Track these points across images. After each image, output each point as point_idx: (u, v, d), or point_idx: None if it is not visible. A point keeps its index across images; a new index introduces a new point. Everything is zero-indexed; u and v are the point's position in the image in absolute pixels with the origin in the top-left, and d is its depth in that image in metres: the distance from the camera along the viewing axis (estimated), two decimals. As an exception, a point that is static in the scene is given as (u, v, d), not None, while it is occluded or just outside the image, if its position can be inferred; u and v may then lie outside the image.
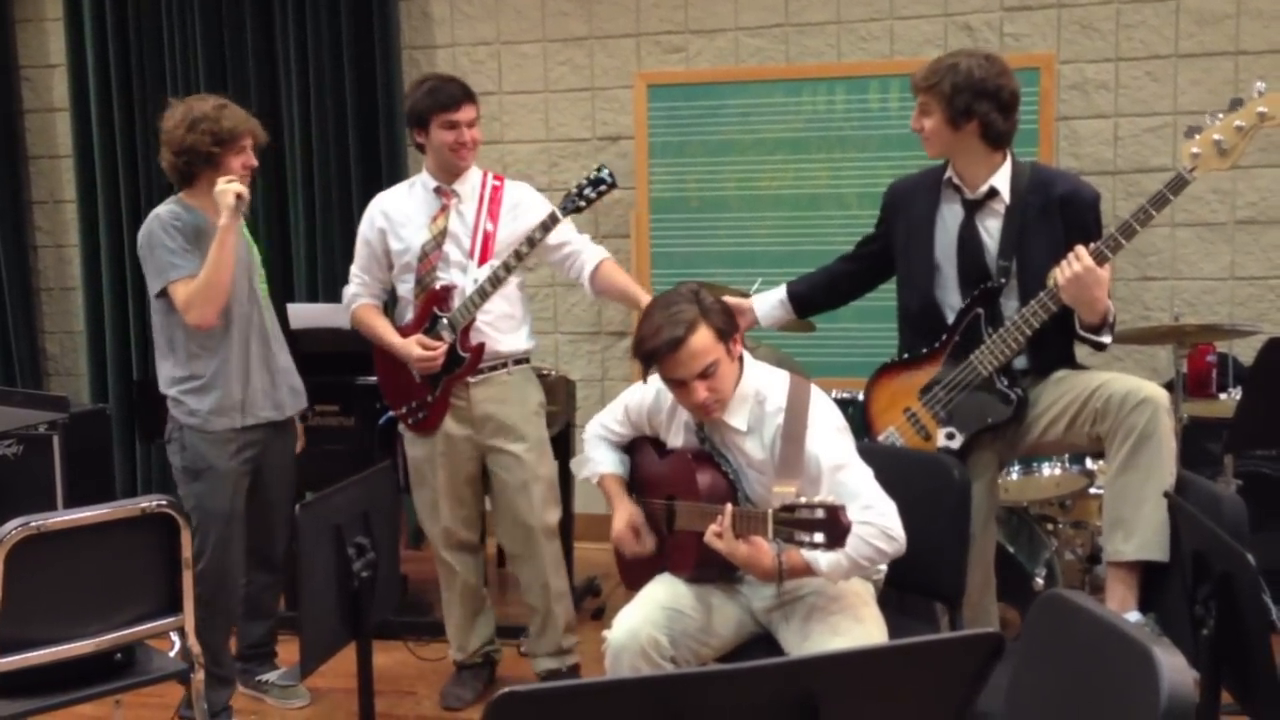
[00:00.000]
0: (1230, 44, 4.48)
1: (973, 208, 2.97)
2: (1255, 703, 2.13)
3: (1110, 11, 4.57)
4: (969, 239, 2.96)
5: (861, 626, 2.51)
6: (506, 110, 5.14)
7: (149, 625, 2.74)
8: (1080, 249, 2.75)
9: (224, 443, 3.34)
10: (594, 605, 4.37)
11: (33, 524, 2.49)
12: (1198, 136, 2.82)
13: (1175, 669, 1.41)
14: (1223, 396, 4.02)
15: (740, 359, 2.63)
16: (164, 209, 3.34)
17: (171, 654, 3.03)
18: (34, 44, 5.66)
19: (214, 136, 3.28)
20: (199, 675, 2.83)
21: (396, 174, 4.91)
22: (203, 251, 3.23)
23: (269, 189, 5.21)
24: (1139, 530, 2.72)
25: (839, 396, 3.92)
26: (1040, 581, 3.63)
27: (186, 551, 2.74)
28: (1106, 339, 2.88)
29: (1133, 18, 4.56)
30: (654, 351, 2.51)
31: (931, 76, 2.91)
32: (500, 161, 5.07)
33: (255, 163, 3.38)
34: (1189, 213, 4.55)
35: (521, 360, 3.55)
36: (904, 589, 2.80)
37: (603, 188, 3.39)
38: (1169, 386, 3.38)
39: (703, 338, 2.50)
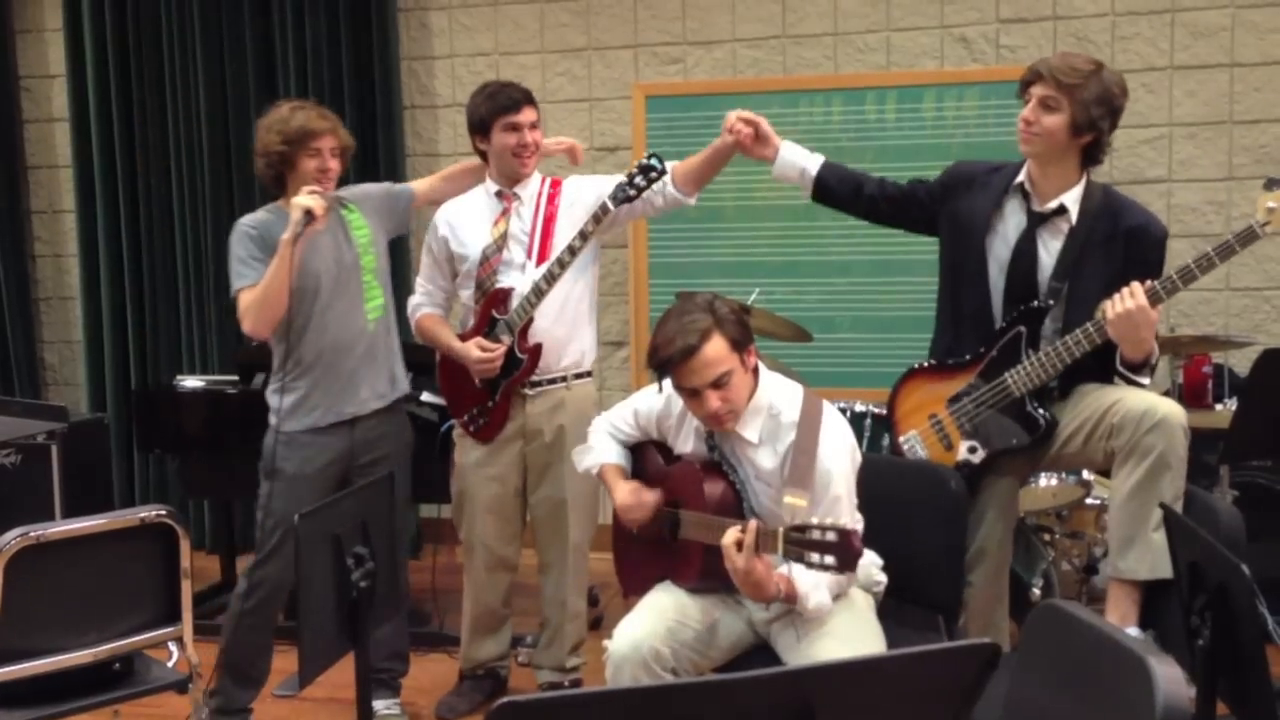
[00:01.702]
0: (1225, 56, 4.50)
1: (1037, 220, 2.89)
2: (1250, 713, 2.13)
3: (1105, 24, 4.59)
4: (1026, 251, 2.88)
5: (860, 637, 2.52)
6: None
7: (147, 635, 2.75)
8: (1136, 286, 2.68)
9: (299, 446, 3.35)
10: (592, 615, 4.36)
11: (31, 534, 2.49)
12: (1276, 190, 2.73)
13: (1171, 680, 1.42)
14: (1219, 407, 4.04)
15: (755, 370, 2.63)
16: (249, 216, 3.35)
17: (170, 664, 3.03)
18: (34, 54, 5.67)
19: (283, 136, 3.24)
20: (197, 685, 2.83)
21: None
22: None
23: (268, 197, 5.16)
24: (1152, 550, 2.68)
25: (837, 407, 3.92)
26: (1037, 592, 3.63)
27: (185, 561, 2.74)
28: (1145, 380, 2.81)
29: (1128, 30, 4.58)
30: (668, 360, 2.51)
31: (1075, 76, 2.76)
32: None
33: (331, 166, 3.29)
34: (1184, 224, 4.57)
35: (581, 375, 3.52)
36: (902, 599, 2.81)
37: (653, 174, 3.28)
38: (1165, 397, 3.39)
39: (716, 347, 2.49)
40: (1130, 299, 2.67)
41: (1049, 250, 2.88)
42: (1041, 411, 2.86)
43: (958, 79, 4.59)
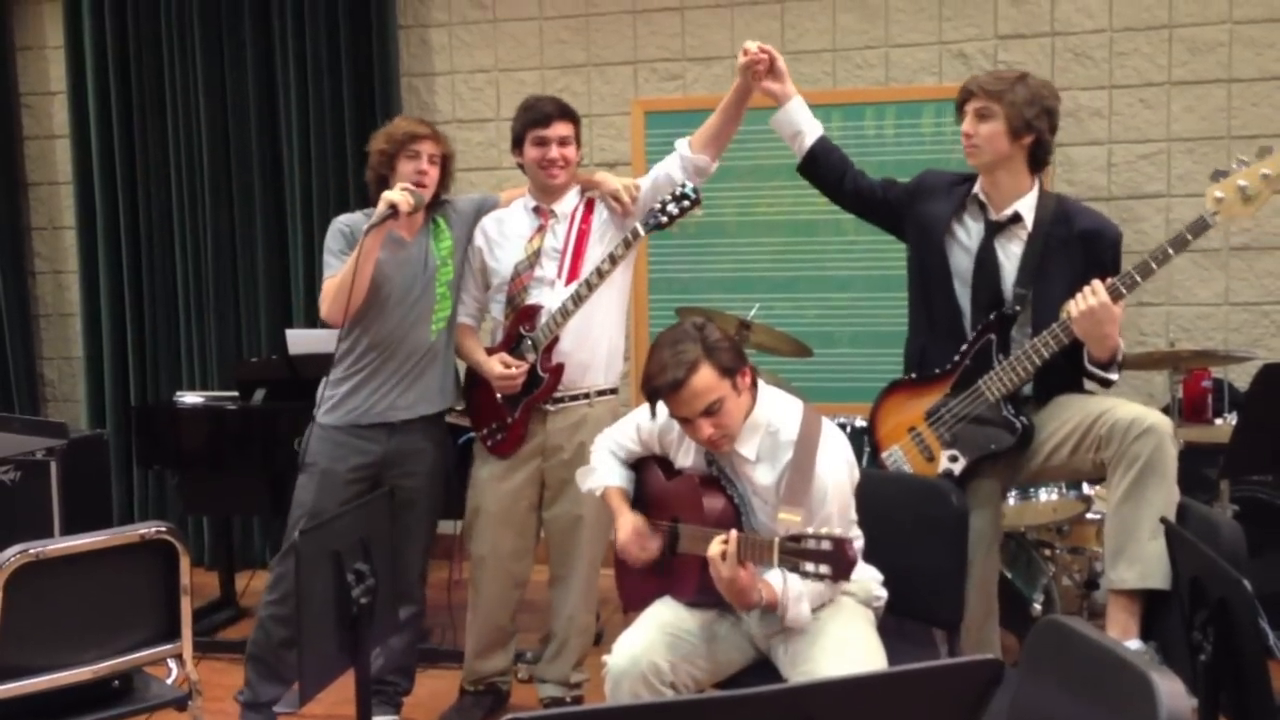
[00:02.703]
0: (1223, 72, 4.52)
1: (994, 230, 2.96)
2: (1253, 728, 2.13)
3: (1104, 40, 4.61)
4: (987, 260, 2.95)
5: (861, 653, 2.51)
6: (504, 137, 5.12)
7: (147, 652, 2.73)
8: (1097, 283, 2.75)
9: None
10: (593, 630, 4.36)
11: (31, 551, 2.49)
12: (1223, 181, 2.79)
13: (1173, 695, 1.41)
14: (1218, 422, 4.04)
15: (754, 388, 2.63)
16: (345, 214, 3.48)
17: (169, 681, 3.03)
18: (34, 71, 5.69)
19: (388, 138, 3.37)
20: (197, 702, 2.83)
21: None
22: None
23: (268, 215, 5.23)
24: (1142, 559, 2.70)
25: (836, 422, 3.92)
26: (1038, 607, 3.63)
27: (185, 578, 2.74)
28: (1114, 376, 2.87)
29: (1126, 46, 4.60)
30: (657, 390, 2.53)
31: (1000, 83, 2.90)
32: (499, 188, 5.07)
33: (427, 170, 3.36)
34: (1183, 239, 4.58)
35: (605, 392, 3.51)
36: (902, 615, 2.80)
37: (686, 203, 3.25)
38: (1165, 411, 3.39)
39: (705, 377, 2.50)
40: (1092, 296, 2.74)
41: (1009, 257, 2.95)
42: (1018, 416, 2.90)
43: (956, 95, 4.59)
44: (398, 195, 3.21)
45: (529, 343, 3.40)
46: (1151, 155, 4.60)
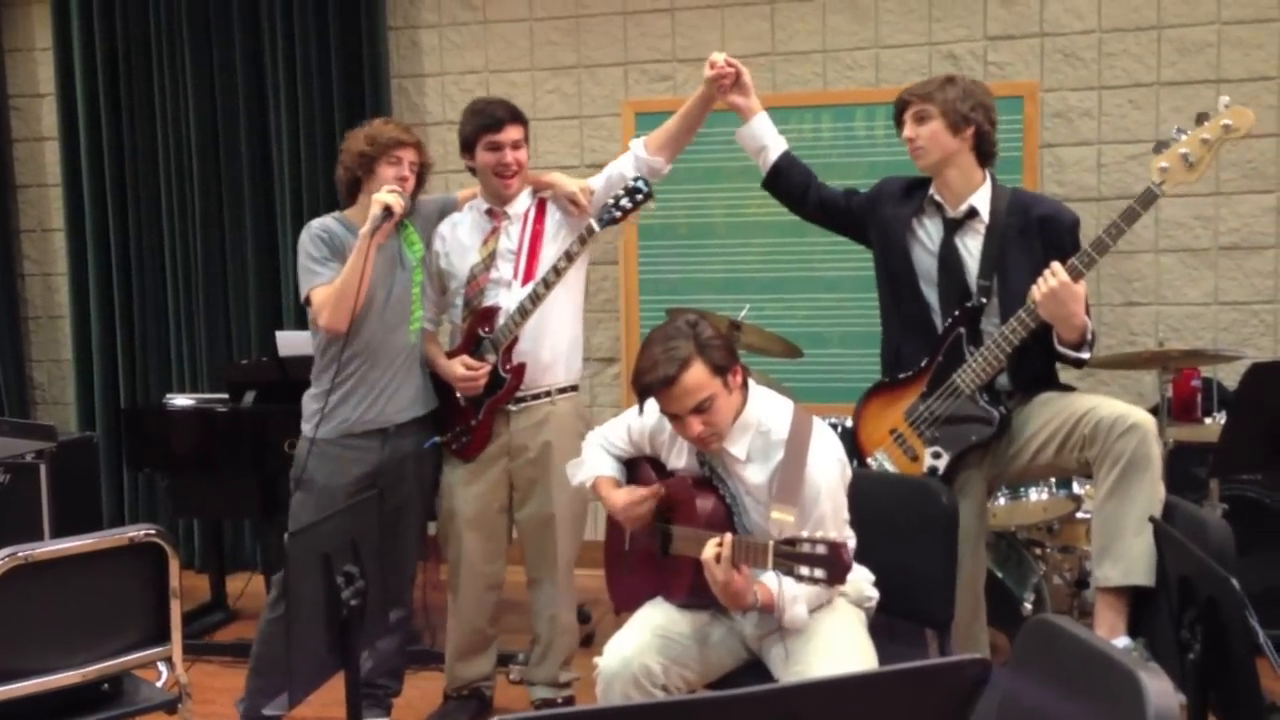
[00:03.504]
0: (1211, 72, 4.53)
1: (953, 227, 3.01)
2: (1242, 727, 2.13)
3: (1093, 40, 4.62)
4: (949, 256, 3.01)
5: (850, 652, 2.52)
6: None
7: (137, 655, 2.72)
8: (1056, 265, 2.80)
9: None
10: (583, 632, 4.35)
11: (20, 554, 2.48)
12: (1165, 151, 2.87)
13: (1162, 693, 1.42)
14: (1208, 421, 4.05)
15: (744, 387, 2.63)
16: (317, 220, 3.41)
17: (159, 684, 3.02)
18: (23, 73, 5.67)
19: (370, 140, 3.33)
20: (187, 705, 2.82)
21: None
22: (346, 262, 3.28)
23: (258, 217, 5.22)
24: (1126, 556, 2.73)
25: (826, 422, 3.92)
26: (1028, 606, 3.63)
27: (174, 581, 2.73)
28: (1085, 355, 2.91)
29: (1115, 46, 4.61)
30: (648, 387, 2.52)
31: (928, 85, 3.01)
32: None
33: (408, 177, 3.34)
34: (1172, 239, 4.59)
35: (567, 390, 3.52)
36: (893, 615, 2.81)
37: (639, 197, 3.30)
38: (1154, 411, 3.40)
39: (696, 375, 2.50)
40: (1053, 278, 2.79)
41: (970, 251, 3.00)
42: (995, 406, 2.93)
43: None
44: (391, 197, 3.20)
45: (488, 344, 3.40)
46: (1140, 156, 4.61)
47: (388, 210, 3.18)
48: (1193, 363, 3.96)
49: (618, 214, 3.31)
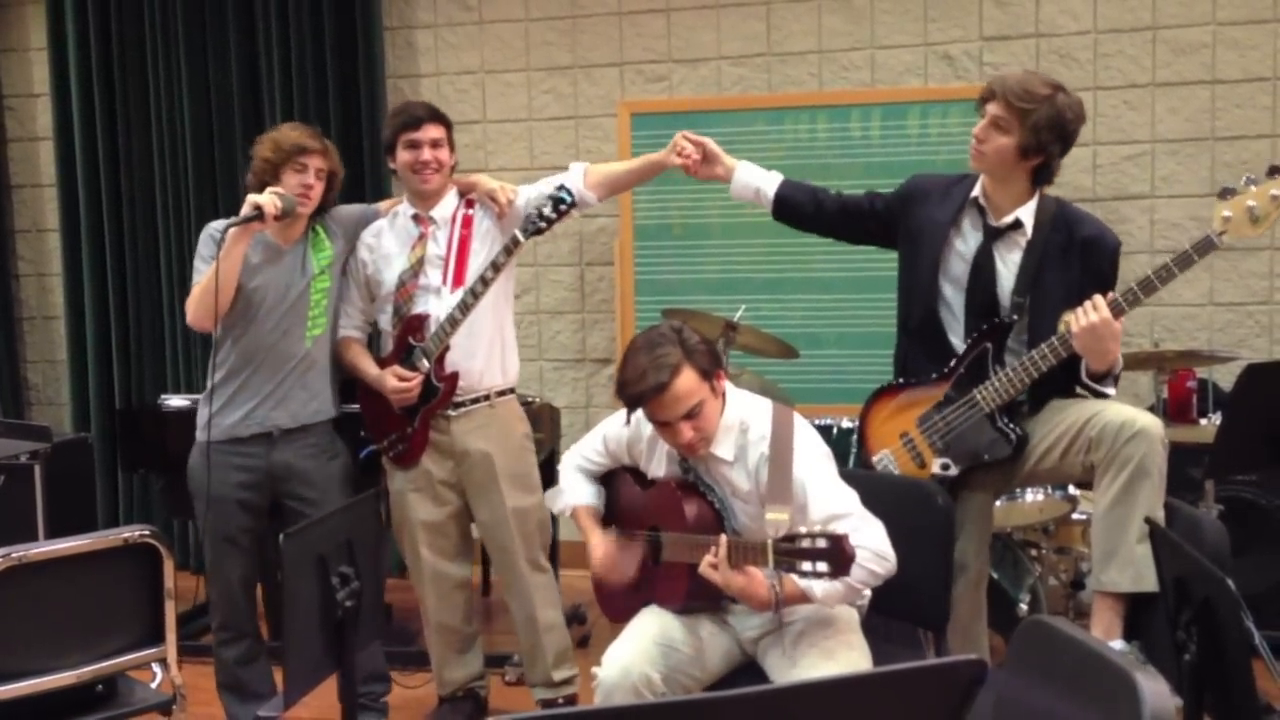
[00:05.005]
0: (1206, 73, 4.53)
1: (993, 235, 2.91)
2: (1238, 727, 2.13)
3: (1088, 41, 4.62)
4: (984, 266, 2.90)
5: (847, 653, 2.51)
6: (490, 139, 5.16)
7: (131, 656, 2.72)
8: (1099, 299, 2.69)
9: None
10: (579, 634, 4.34)
11: (14, 554, 2.47)
12: (1231, 199, 2.73)
13: (1157, 694, 1.41)
14: (1203, 422, 4.05)
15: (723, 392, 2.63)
16: (218, 220, 3.37)
17: (154, 685, 3.01)
18: (17, 73, 5.66)
19: (274, 146, 3.31)
20: (181, 706, 2.81)
21: (381, 202, 4.92)
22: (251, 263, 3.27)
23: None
24: (1134, 563, 2.69)
25: (822, 423, 3.93)
26: (1024, 607, 3.64)
27: (169, 582, 2.73)
28: (1110, 390, 2.83)
29: (1110, 47, 4.61)
30: (639, 396, 2.51)
31: (1028, 100, 2.78)
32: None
33: (313, 184, 3.32)
34: (1169, 240, 4.59)
35: (505, 393, 3.52)
36: (889, 615, 2.81)
37: (563, 207, 3.30)
38: (1149, 411, 3.41)
39: (687, 380, 2.49)
40: (1094, 312, 2.68)
41: (1007, 264, 2.90)
42: (1012, 426, 2.87)
43: (942, 96, 4.62)
44: (265, 198, 3.16)
45: (419, 352, 3.40)
46: (1136, 156, 4.62)
47: (258, 210, 3.14)
48: (1188, 364, 3.96)
49: (542, 225, 3.31)
